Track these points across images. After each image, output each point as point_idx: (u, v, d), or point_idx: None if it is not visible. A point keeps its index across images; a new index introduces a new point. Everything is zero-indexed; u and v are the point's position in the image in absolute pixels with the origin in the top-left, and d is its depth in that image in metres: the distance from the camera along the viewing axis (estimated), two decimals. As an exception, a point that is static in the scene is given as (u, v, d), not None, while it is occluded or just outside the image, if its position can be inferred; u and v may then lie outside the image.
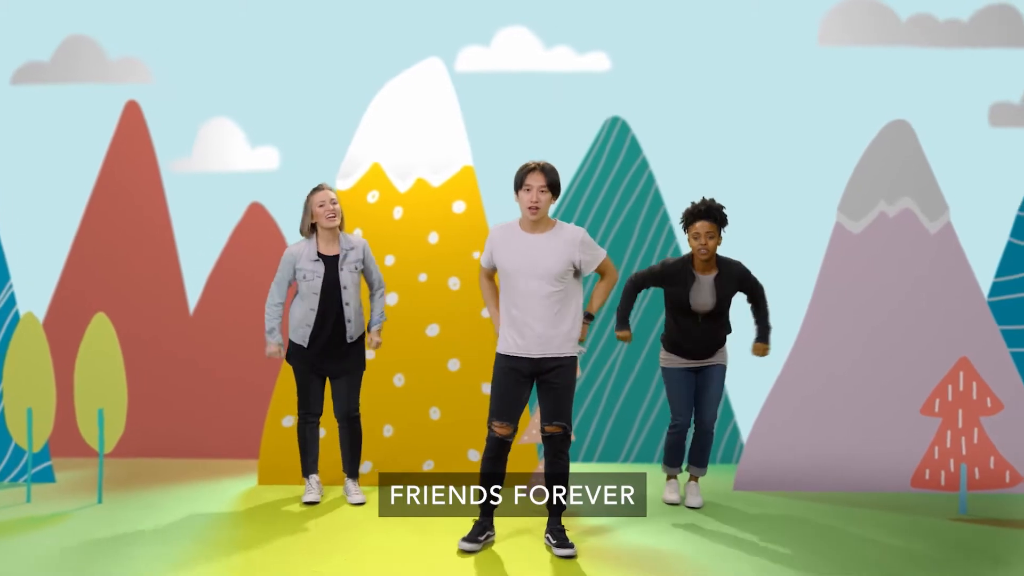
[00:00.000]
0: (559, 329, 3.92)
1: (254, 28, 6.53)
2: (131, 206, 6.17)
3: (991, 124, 6.64)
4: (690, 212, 4.66)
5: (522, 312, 3.91)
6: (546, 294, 3.88)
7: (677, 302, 4.68)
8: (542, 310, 3.89)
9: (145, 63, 6.62)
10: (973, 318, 5.22)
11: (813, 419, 5.22)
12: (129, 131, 6.21)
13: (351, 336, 4.77)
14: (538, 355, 3.91)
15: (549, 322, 3.89)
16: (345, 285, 4.70)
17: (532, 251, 3.91)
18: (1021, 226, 5.72)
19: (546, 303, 3.89)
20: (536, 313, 3.89)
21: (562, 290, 3.91)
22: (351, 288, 4.73)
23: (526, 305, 3.90)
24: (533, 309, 3.89)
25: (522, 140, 6.04)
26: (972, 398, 4.83)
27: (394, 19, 6.57)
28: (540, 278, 3.88)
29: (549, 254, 3.90)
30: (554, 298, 3.89)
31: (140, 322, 6.06)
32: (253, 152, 6.76)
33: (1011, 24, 6.81)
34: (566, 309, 3.94)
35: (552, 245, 3.91)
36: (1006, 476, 4.90)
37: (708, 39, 6.46)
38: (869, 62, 6.62)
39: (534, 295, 3.89)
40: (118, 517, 4.55)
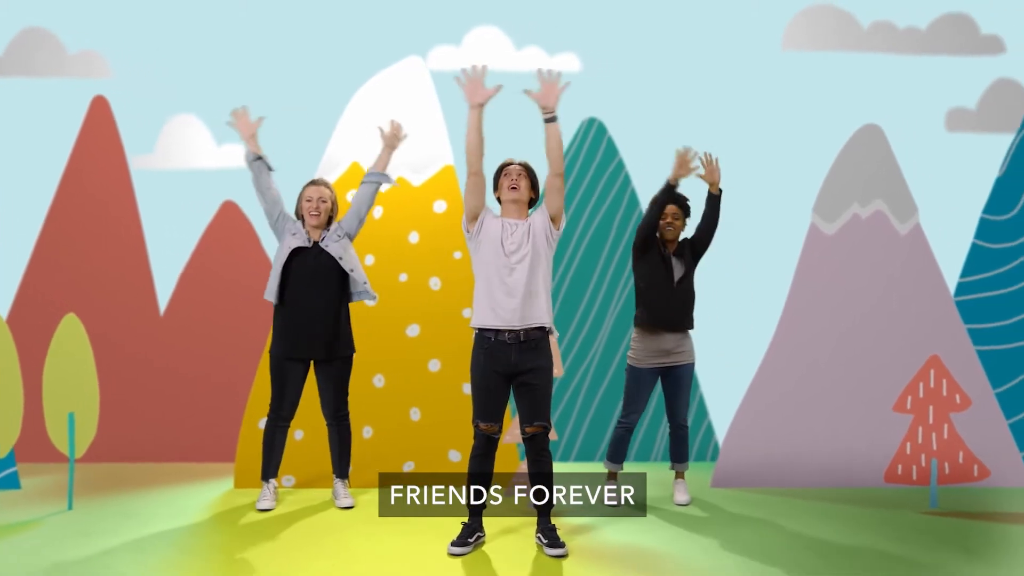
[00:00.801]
0: (539, 301, 4.02)
1: (220, 23, 6.42)
2: (99, 204, 6.00)
3: (947, 129, 6.85)
4: None
5: (505, 286, 3.99)
6: (527, 268, 3.99)
7: (659, 263, 4.83)
8: (523, 285, 3.98)
9: (105, 57, 6.45)
10: (942, 317, 5.37)
11: (789, 417, 5.32)
12: (96, 127, 6.03)
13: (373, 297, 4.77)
14: (519, 324, 3.98)
15: (528, 295, 4.00)
16: (339, 255, 4.66)
17: (516, 231, 4.04)
18: (985, 228, 5.90)
19: (526, 279, 3.99)
20: (517, 288, 3.98)
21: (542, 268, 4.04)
22: (346, 258, 4.69)
23: (508, 280, 3.99)
24: (514, 284, 3.99)
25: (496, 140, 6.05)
26: (942, 395, 4.98)
27: (365, 17, 6.52)
28: (521, 253, 4.00)
29: (529, 233, 4.04)
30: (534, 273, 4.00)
31: (109, 323, 5.89)
32: (219, 149, 6.64)
33: (966, 33, 7.04)
34: (545, 286, 4.06)
35: (530, 226, 4.07)
36: (974, 470, 5.07)
37: (677, 43, 6.55)
38: (833, 67, 6.78)
39: (517, 268, 3.99)
40: (91, 524, 4.42)
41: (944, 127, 6.87)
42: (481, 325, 4.04)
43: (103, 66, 6.45)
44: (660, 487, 5.15)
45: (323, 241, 4.68)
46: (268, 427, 4.76)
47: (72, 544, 4.10)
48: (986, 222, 5.91)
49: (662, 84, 6.45)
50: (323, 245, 4.66)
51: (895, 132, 5.68)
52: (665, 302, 4.82)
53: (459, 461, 5.27)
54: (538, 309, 4.01)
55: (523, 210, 4.12)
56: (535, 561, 3.92)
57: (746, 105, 6.44)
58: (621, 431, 4.93)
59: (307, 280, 4.64)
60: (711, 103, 6.41)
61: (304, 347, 4.67)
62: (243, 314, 5.90)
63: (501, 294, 3.99)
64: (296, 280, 4.63)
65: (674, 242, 4.91)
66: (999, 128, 6.70)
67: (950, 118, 6.89)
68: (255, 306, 5.71)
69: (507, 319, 3.98)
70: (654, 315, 4.83)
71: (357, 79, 5.70)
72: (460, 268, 5.37)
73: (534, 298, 4.01)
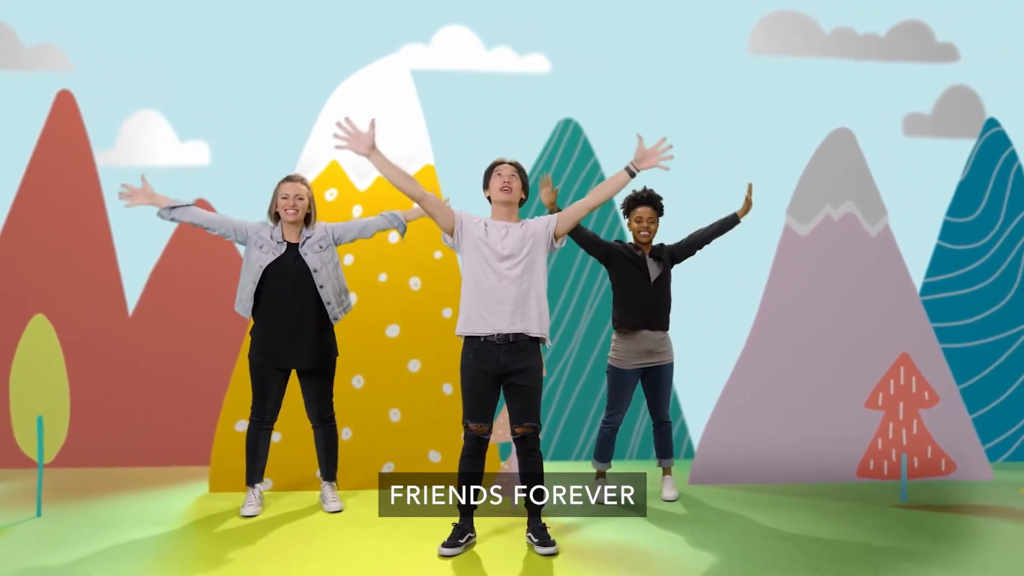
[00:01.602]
0: (528, 308, 3.95)
1: (183, 16, 6.31)
2: (65, 200, 5.83)
3: (905, 134, 7.05)
4: (632, 198, 4.92)
5: (495, 291, 3.92)
6: (519, 274, 3.94)
7: (635, 266, 4.84)
8: (514, 290, 3.92)
9: (63, 50, 6.28)
10: (910, 316, 5.54)
11: (764, 414, 5.43)
12: (61, 122, 5.85)
13: (335, 317, 4.59)
14: (507, 329, 3.91)
15: (520, 302, 3.93)
16: (315, 268, 4.49)
17: (508, 235, 3.97)
18: (948, 230, 6.10)
19: (518, 283, 3.93)
20: (509, 293, 3.92)
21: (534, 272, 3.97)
22: (322, 270, 4.51)
23: (499, 285, 3.92)
24: (506, 289, 3.92)
25: (473, 139, 6.07)
26: (912, 392, 5.14)
27: (334, 16, 6.47)
28: (515, 258, 3.94)
29: (523, 237, 3.98)
30: (526, 278, 3.95)
31: (77, 324, 5.73)
32: (183, 146, 6.53)
33: (923, 40, 7.26)
34: (534, 294, 3.98)
35: (525, 230, 4.00)
36: (941, 464, 5.24)
37: (648, 46, 6.64)
38: (797, 71, 6.94)
39: (507, 275, 3.93)
40: (62, 532, 4.26)
41: (902, 132, 7.07)
42: (470, 333, 3.97)
43: (62, 60, 6.28)
44: (647, 484, 5.20)
45: (302, 247, 4.51)
46: (251, 431, 4.62)
47: (42, 553, 3.93)
48: (949, 224, 6.11)
49: (634, 85, 6.53)
50: (302, 252, 4.50)
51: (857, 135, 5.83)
52: (642, 303, 4.85)
53: (439, 462, 5.25)
54: (529, 318, 3.95)
55: (514, 212, 4.06)
56: (526, 560, 3.92)
57: (715, 107, 6.56)
58: (607, 431, 4.96)
59: (285, 288, 4.46)
60: (684, 105, 6.51)
61: (284, 359, 4.53)
62: (215, 314, 5.79)
63: (491, 301, 3.93)
64: (272, 288, 4.46)
65: (649, 244, 4.92)
66: (954, 133, 6.93)
67: (907, 123, 7.09)
68: (228, 306, 5.60)
69: (496, 326, 3.91)
70: (631, 316, 4.87)
71: (329, 78, 5.65)
72: (440, 268, 5.35)
73: (526, 307, 3.94)
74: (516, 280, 3.94)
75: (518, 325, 3.92)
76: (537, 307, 3.98)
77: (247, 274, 4.50)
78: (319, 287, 4.51)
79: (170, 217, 4.51)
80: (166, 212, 4.51)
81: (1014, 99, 6.80)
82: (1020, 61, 7.01)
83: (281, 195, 4.52)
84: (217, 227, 4.51)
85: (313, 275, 4.48)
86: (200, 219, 4.51)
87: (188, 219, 4.51)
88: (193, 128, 6.46)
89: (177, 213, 4.50)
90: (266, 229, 4.53)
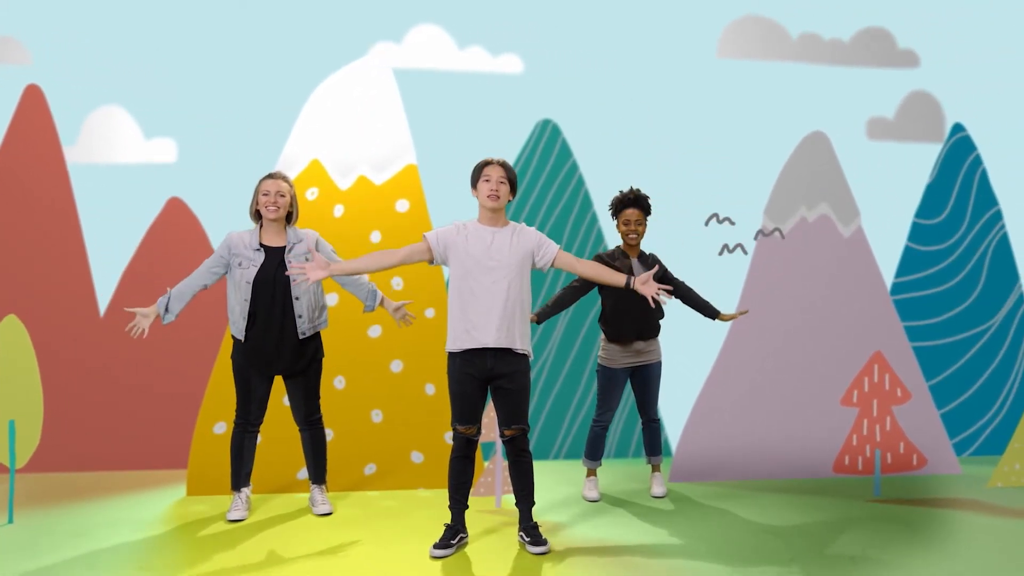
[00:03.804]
0: (514, 321, 3.93)
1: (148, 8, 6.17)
2: (34, 198, 5.66)
3: (868, 137, 7.21)
4: (619, 200, 4.89)
5: (479, 303, 3.89)
6: (505, 287, 3.90)
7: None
8: (499, 303, 3.89)
9: (22, 42, 6.10)
10: (881, 315, 5.67)
11: (743, 412, 5.51)
12: (28, 117, 5.68)
13: (303, 332, 4.48)
14: (492, 344, 3.88)
15: (504, 313, 3.89)
16: (294, 278, 4.44)
17: (493, 244, 3.93)
18: (917, 231, 6.27)
19: (504, 296, 3.89)
20: (493, 305, 3.89)
21: (519, 285, 3.95)
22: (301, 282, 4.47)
23: (484, 297, 3.89)
24: (490, 301, 3.89)
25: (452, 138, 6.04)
26: (885, 389, 5.25)
27: (304, 13, 6.39)
28: (501, 269, 3.90)
29: (510, 247, 3.94)
30: (512, 293, 3.91)
31: (47, 325, 5.56)
32: (148, 143, 6.39)
33: (885, 46, 7.44)
34: (520, 306, 3.96)
35: (512, 240, 3.96)
36: (913, 459, 5.36)
37: (621, 47, 6.69)
38: (764, 75, 7.05)
39: (492, 287, 3.89)
40: (35, 539, 4.14)
41: (865, 135, 7.22)
42: (457, 348, 3.93)
43: (21, 53, 6.09)
44: (636, 481, 5.25)
45: (288, 253, 4.44)
46: (236, 434, 4.54)
47: (15, 562, 3.81)
48: (918, 226, 6.28)
49: (609, 87, 6.57)
50: (288, 259, 4.42)
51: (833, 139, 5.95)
52: (632, 315, 4.82)
53: (421, 463, 5.23)
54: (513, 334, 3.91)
55: (500, 215, 4.01)
56: (517, 560, 3.93)
57: (687, 110, 6.63)
58: (598, 430, 4.99)
59: (268, 295, 4.40)
60: (660, 108, 6.58)
61: (268, 366, 4.47)
62: (190, 315, 5.65)
63: (477, 315, 3.88)
64: (256, 295, 4.40)
65: (637, 247, 4.90)
66: (915, 137, 7.11)
67: (871, 127, 7.25)
68: (203, 307, 5.51)
69: (482, 340, 3.87)
70: (622, 330, 4.86)
71: (301, 75, 5.64)
72: (423, 268, 5.31)
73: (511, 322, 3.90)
74: (501, 295, 3.89)
75: (503, 341, 3.90)
76: (522, 324, 3.95)
77: (236, 294, 4.41)
78: (294, 298, 4.43)
79: (174, 315, 4.41)
80: (170, 316, 4.41)
81: (973, 104, 7.00)
82: (979, 68, 7.23)
83: (262, 192, 4.44)
84: (207, 279, 4.45)
85: (292, 285, 4.40)
86: (191, 288, 4.43)
87: (186, 300, 4.44)
88: (160, 125, 6.32)
89: (173, 306, 4.41)
90: (242, 244, 4.43)
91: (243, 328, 4.43)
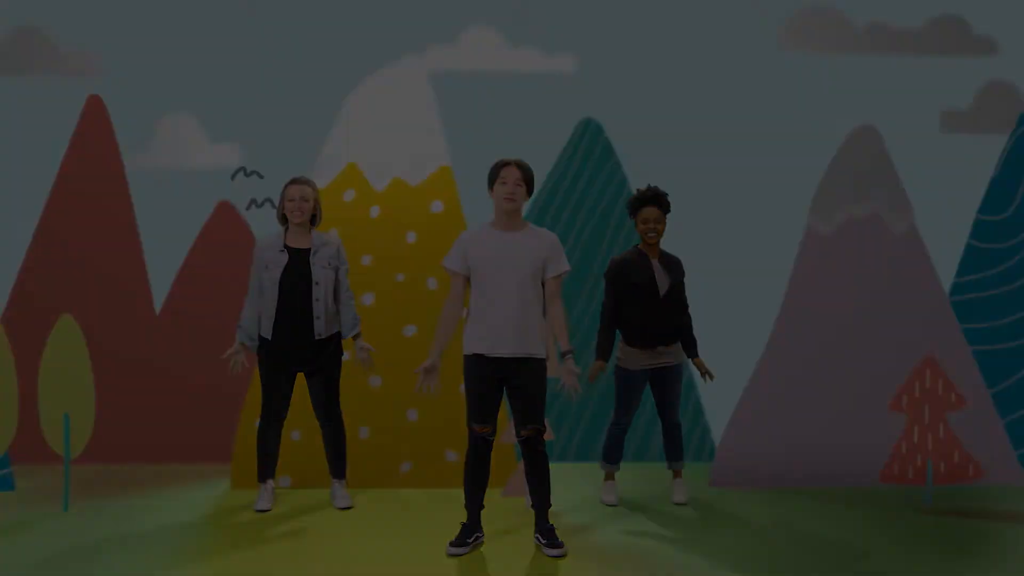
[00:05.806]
0: (530, 328, 3.91)
1: (214, 22, 6.40)
2: (94, 203, 5.97)
3: (942, 131, 6.86)
4: (637, 199, 4.80)
5: (495, 309, 3.89)
6: (519, 291, 3.88)
7: (642, 284, 4.72)
8: (514, 308, 3.87)
9: (97, 55, 6.42)
10: (937, 317, 5.40)
11: (785, 416, 5.34)
12: (91, 126, 6.00)
13: (319, 334, 4.63)
14: (508, 355, 3.88)
15: (521, 321, 3.88)
16: (317, 280, 4.59)
17: (509, 247, 3.91)
18: (980, 228, 5.93)
19: (519, 301, 3.88)
20: (509, 311, 3.87)
21: (534, 290, 3.93)
22: (323, 284, 4.60)
23: (499, 302, 3.88)
24: (506, 307, 3.88)
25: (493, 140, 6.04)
26: (938, 394, 5.00)
27: (360, 15, 6.50)
28: (516, 273, 3.89)
29: (525, 251, 3.92)
30: (527, 296, 3.90)
31: (104, 323, 5.86)
32: (213, 148, 6.62)
33: (960, 34, 7.07)
34: (536, 310, 3.94)
35: (528, 243, 3.94)
36: (969, 470, 5.09)
37: (673, 43, 6.55)
38: (828, 68, 6.79)
39: (508, 292, 3.88)
40: (87, 525, 4.40)
41: (939, 128, 6.88)
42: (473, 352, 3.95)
43: (95, 64, 6.42)
44: (658, 486, 5.15)
45: (313, 255, 4.61)
46: (261, 427, 4.74)
47: (68, 546, 4.07)
48: (981, 222, 5.94)
49: (657, 84, 6.45)
50: (311, 261, 4.60)
51: (890, 133, 5.70)
52: (652, 321, 4.73)
53: (456, 461, 5.26)
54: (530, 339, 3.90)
55: (517, 217, 3.98)
56: (534, 561, 3.92)
57: (741, 106, 6.45)
58: (616, 432, 4.92)
59: (292, 293, 4.58)
60: (707, 103, 6.42)
61: (290, 364, 4.66)
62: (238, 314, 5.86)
63: (493, 324, 3.88)
64: (280, 295, 4.58)
65: (656, 247, 4.81)
66: (993, 129, 6.71)
67: (944, 119, 6.90)
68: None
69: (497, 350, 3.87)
70: (642, 337, 4.76)
71: (351, 77, 5.69)
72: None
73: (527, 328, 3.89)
74: (516, 299, 3.88)
75: (520, 351, 3.89)
76: (538, 329, 3.94)
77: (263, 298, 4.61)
78: (314, 299, 4.59)
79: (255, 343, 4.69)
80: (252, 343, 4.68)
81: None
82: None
83: (288, 198, 4.63)
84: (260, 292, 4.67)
85: (313, 287, 4.58)
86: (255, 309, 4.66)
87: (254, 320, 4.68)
88: (224, 129, 6.55)
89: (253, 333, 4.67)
90: (268, 247, 4.64)
91: (270, 328, 4.61)
